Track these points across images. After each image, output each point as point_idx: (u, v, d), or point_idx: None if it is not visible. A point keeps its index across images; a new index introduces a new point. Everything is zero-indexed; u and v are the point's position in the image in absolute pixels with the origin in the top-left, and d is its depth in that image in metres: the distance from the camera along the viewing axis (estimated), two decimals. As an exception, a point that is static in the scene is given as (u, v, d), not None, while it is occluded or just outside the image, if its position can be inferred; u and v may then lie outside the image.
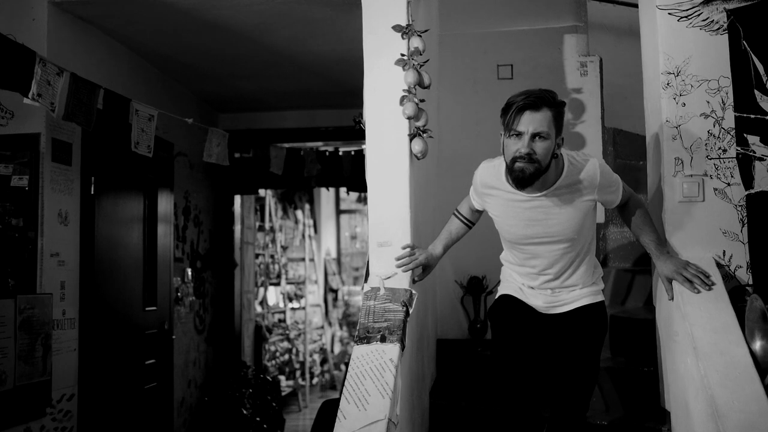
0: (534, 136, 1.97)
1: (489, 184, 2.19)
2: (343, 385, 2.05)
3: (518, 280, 2.29)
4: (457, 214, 2.43)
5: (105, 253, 3.85)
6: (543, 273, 2.21)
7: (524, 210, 2.12)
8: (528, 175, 1.99)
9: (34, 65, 2.96)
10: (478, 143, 3.45)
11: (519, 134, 1.98)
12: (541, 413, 2.21)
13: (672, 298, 2.28)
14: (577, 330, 2.19)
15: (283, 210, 8.06)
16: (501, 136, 2.07)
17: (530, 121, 1.96)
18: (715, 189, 2.40)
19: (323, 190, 8.21)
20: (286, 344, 7.51)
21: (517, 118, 1.98)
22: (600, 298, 2.26)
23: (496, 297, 2.36)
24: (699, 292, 2.19)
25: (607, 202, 2.19)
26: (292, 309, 7.91)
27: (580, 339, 2.19)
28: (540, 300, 2.24)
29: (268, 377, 6.03)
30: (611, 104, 3.82)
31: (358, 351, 2.12)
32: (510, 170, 2.03)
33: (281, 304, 7.70)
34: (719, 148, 2.41)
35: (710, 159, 2.41)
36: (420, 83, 2.44)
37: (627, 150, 3.82)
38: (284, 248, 7.89)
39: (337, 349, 8.78)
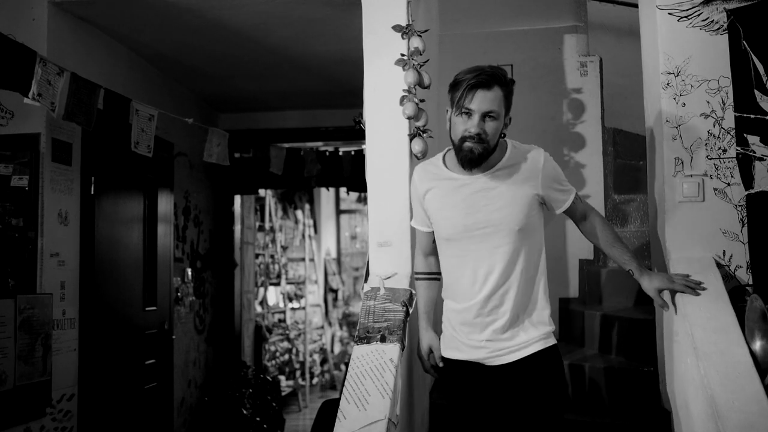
0: (484, 115, 1.91)
1: (427, 178, 2.10)
2: (343, 385, 2.05)
3: (457, 326, 2.07)
4: (418, 276, 2.28)
5: (105, 253, 3.85)
6: (484, 286, 1.99)
7: (465, 196, 2.01)
8: (477, 155, 1.93)
9: (34, 65, 2.96)
10: (478, 143, 3.45)
11: (469, 113, 1.92)
12: None
13: (667, 308, 2.21)
14: (530, 387, 1.99)
15: (283, 210, 8.06)
16: (447, 113, 2.01)
17: (482, 100, 1.91)
18: (715, 189, 2.40)
19: (323, 190, 8.22)
20: (286, 344, 7.51)
21: (468, 96, 1.91)
22: (552, 341, 2.04)
23: (439, 362, 2.18)
24: (699, 294, 2.17)
25: (554, 200, 2.06)
26: (292, 309, 7.91)
27: (535, 397, 1.99)
28: (483, 352, 2.02)
29: (268, 377, 6.03)
30: (611, 104, 3.82)
31: (358, 351, 2.12)
32: (458, 150, 1.96)
33: (281, 304, 7.70)
34: (719, 148, 2.41)
35: (710, 159, 2.41)
36: (420, 83, 2.44)
37: (627, 150, 3.82)
38: (284, 248, 7.89)
39: (337, 349, 8.78)
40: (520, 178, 2.01)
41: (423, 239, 2.24)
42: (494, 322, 2.01)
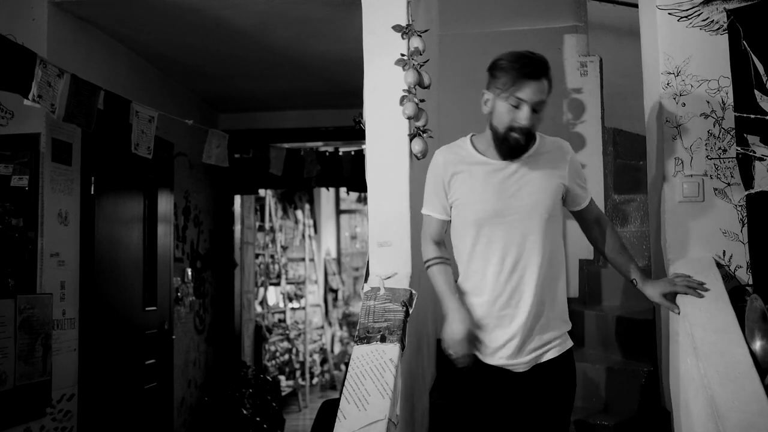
0: (533, 106, 1.89)
1: (455, 162, 2.04)
2: (343, 385, 2.05)
3: (478, 322, 2.01)
4: (431, 262, 2.13)
5: (105, 253, 3.85)
6: (511, 276, 1.97)
7: (499, 181, 1.98)
8: (523, 146, 1.94)
9: (34, 66, 2.96)
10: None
11: (518, 103, 1.89)
12: None
13: (677, 311, 2.20)
14: (548, 391, 2.00)
15: (283, 210, 8.06)
16: (484, 95, 1.98)
17: (534, 91, 1.88)
18: (715, 189, 2.40)
19: (323, 190, 8.22)
20: (286, 344, 7.52)
21: (520, 86, 1.88)
22: (569, 343, 2.06)
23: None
24: (702, 296, 2.16)
25: (575, 195, 2.08)
26: (292, 309, 7.91)
27: (552, 401, 2.01)
28: (507, 350, 1.98)
29: (268, 377, 6.03)
30: (611, 104, 3.82)
31: (358, 351, 2.12)
32: (503, 138, 1.93)
33: (281, 304, 7.70)
34: (719, 148, 2.41)
35: (710, 159, 2.41)
36: (420, 83, 2.44)
37: (627, 150, 3.82)
38: (284, 248, 7.90)
39: (337, 349, 8.78)
40: (549, 166, 2.01)
41: (436, 227, 2.13)
42: (518, 315, 1.98)
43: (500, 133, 1.94)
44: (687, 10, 2.45)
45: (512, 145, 1.94)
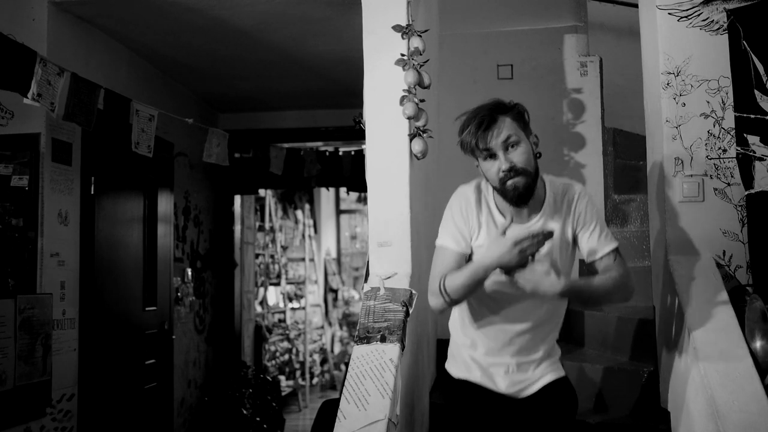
0: (506, 147, 1.84)
1: (481, 215, 1.97)
2: (343, 385, 2.05)
3: (477, 353, 2.05)
4: (441, 281, 1.92)
5: (105, 253, 3.85)
6: (517, 336, 1.99)
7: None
8: (523, 188, 1.84)
9: (34, 65, 2.96)
10: (478, 143, 3.45)
11: (491, 152, 1.85)
12: None
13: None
14: (548, 416, 1.99)
15: (283, 210, 8.07)
16: (478, 168, 1.94)
17: (496, 135, 1.83)
18: (715, 189, 2.40)
19: (323, 190, 8.22)
20: (286, 344, 7.52)
21: (481, 138, 1.84)
22: (563, 372, 2.07)
23: (451, 378, 2.12)
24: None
25: (591, 248, 1.95)
26: (292, 309, 7.91)
27: (553, 426, 1.99)
28: (504, 383, 2.01)
29: (268, 377, 6.03)
30: (611, 104, 3.82)
31: (358, 351, 2.12)
32: (503, 192, 1.87)
33: (281, 304, 7.70)
34: (719, 148, 2.41)
35: (710, 159, 2.41)
36: (420, 83, 2.44)
37: (627, 150, 3.82)
38: (284, 248, 7.90)
39: (337, 349, 8.78)
40: (560, 219, 1.95)
41: (453, 262, 1.97)
42: (515, 358, 2.02)
43: (499, 188, 1.90)
44: (687, 10, 2.45)
45: (513, 193, 1.85)
